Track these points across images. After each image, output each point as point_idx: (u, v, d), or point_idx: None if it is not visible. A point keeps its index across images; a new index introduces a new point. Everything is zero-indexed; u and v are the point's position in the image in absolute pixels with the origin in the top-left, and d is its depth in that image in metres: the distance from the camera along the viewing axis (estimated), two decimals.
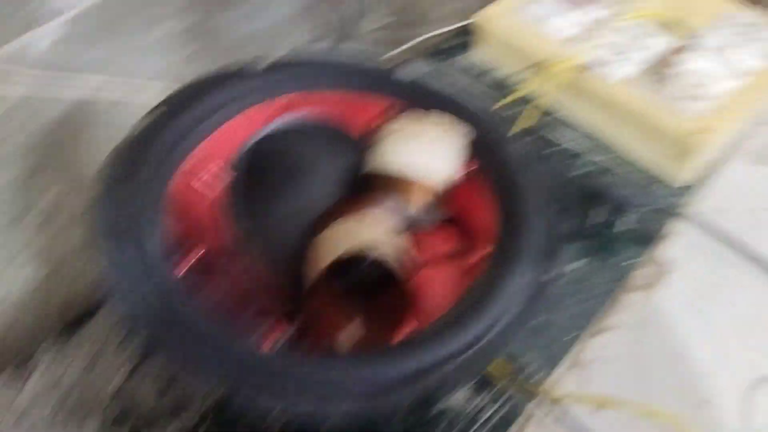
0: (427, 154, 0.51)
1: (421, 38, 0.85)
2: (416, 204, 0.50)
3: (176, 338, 0.45)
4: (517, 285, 0.47)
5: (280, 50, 0.86)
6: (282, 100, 0.58)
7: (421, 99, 0.56)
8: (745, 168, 0.70)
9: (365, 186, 0.48)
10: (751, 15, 0.75)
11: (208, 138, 0.55)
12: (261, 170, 0.56)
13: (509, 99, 0.73)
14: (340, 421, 0.52)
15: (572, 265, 0.62)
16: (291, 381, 0.44)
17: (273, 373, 0.44)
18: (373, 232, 0.47)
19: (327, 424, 0.52)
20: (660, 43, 0.72)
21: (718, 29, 0.73)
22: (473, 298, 0.47)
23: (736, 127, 0.68)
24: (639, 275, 0.62)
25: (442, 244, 0.53)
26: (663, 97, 0.67)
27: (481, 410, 0.54)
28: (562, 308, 0.60)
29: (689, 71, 0.67)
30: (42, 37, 0.89)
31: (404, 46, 0.85)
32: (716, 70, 0.69)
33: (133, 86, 0.84)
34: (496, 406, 0.54)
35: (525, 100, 0.74)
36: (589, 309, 0.60)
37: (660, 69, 0.69)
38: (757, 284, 0.61)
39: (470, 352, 0.45)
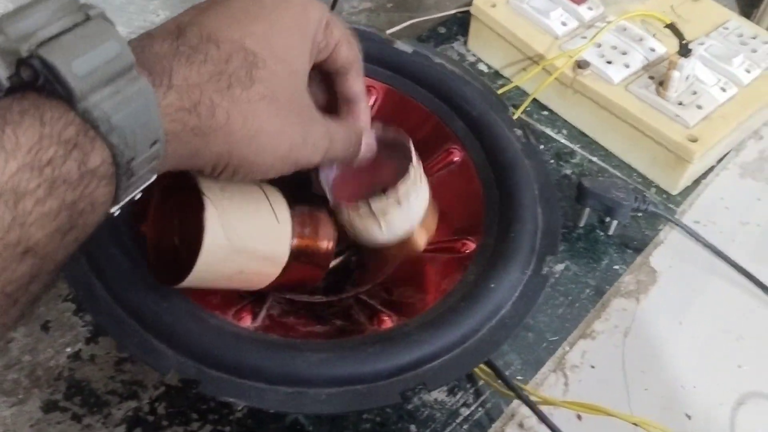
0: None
1: (410, 22, 0.82)
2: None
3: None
4: (514, 279, 0.44)
5: None
6: None
7: (423, 71, 0.53)
8: (734, 180, 0.69)
9: None
10: (751, 27, 0.73)
11: None
12: None
13: (503, 90, 0.71)
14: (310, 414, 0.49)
15: (560, 267, 0.60)
16: (261, 372, 0.40)
17: (241, 362, 0.40)
18: None
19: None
20: (660, 47, 0.70)
21: (719, 38, 0.71)
22: (466, 292, 0.44)
23: (729, 137, 0.67)
24: (627, 281, 0.60)
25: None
26: (660, 102, 0.65)
27: (463, 405, 0.51)
28: (547, 310, 0.57)
29: (687, 78, 0.66)
30: None
31: (393, 29, 0.82)
32: (714, 80, 0.67)
33: None
34: (478, 402, 0.52)
35: (519, 94, 0.72)
36: (575, 312, 0.57)
37: (658, 74, 0.67)
38: (744, 297, 0.60)
39: (461, 348, 0.42)
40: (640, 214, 0.63)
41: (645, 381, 0.55)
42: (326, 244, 0.44)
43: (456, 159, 0.51)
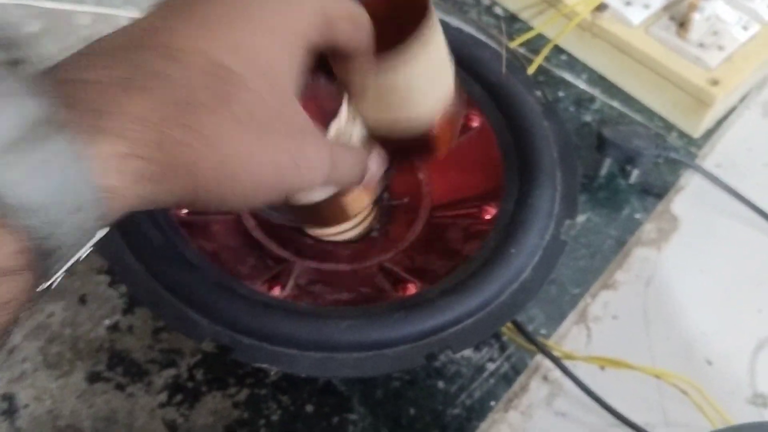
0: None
1: None
2: None
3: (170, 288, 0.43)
4: (533, 245, 0.45)
5: None
6: None
7: None
8: (756, 121, 0.68)
9: None
10: None
11: None
12: None
13: (523, 38, 0.70)
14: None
15: (581, 218, 0.61)
16: (292, 339, 0.41)
17: (272, 330, 0.42)
18: None
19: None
20: None
21: None
22: (487, 258, 0.45)
23: (752, 78, 0.66)
24: (649, 230, 0.61)
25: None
26: (680, 44, 0.64)
27: (488, 360, 0.53)
28: (569, 262, 0.58)
29: (708, 19, 0.64)
30: None
31: None
32: (735, 18, 0.66)
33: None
34: (503, 357, 0.53)
35: (538, 38, 0.71)
36: (597, 264, 0.58)
37: (678, 14, 0.66)
38: (765, 241, 0.60)
39: (484, 312, 0.43)
40: (661, 161, 0.63)
41: (666, 329, 0.56)
42: None
43: (475, 125, 0.51)
